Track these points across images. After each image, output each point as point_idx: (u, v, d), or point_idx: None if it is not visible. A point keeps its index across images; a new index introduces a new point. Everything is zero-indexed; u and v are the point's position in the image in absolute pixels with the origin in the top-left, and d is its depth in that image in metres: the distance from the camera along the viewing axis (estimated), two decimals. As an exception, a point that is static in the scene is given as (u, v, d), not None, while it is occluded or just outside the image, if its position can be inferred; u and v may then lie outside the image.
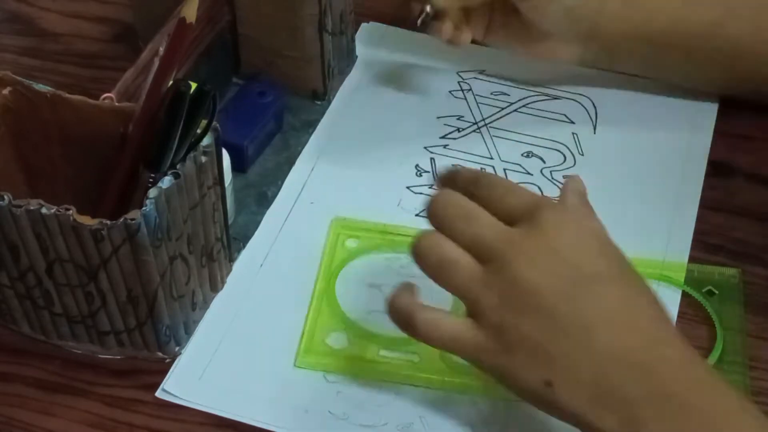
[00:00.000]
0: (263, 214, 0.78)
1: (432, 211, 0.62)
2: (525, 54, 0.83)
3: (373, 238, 0.75)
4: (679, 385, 0.57)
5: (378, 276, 0.73)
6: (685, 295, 0.71)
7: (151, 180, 0.63)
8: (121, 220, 0.61)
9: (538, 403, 0.60)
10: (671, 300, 0.70)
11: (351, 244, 0.75)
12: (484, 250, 0.60)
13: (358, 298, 0.72)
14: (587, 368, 0.57)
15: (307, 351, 0.69)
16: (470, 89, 0.87)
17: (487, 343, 0.59)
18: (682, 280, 0.72)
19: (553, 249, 0.60)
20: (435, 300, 0.62)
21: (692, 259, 0.74)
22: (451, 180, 0.65)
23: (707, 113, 0.84)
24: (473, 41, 0.82)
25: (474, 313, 0.60)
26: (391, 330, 0.65)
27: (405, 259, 0.70)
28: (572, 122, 0.84)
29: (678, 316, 0.70)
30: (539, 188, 0.79)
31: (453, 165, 0.70)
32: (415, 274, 0.62)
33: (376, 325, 0.70)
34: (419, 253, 0.62)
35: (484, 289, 0.59)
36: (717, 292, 0.70)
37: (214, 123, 0.64)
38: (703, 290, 0.71)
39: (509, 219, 0.61)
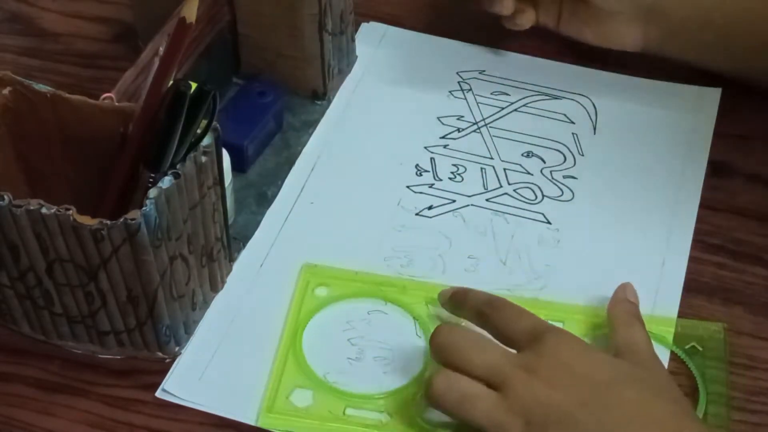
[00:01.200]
0: (263, 214, 0.78)
1: (440, 345, 0.65)
2: (593, 40, 0.85)
3: (343, 286, 0.72)
4: None
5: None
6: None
7: (151, 180, 0.63)
8: (121, 220, 0.61)
9: None
10: (659, 354, 0.67)
11: (321, 292, 0.72)
12: (498, 377, 0.62)
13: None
14: None
15: (269, 409, 0.66)
16: (470, 89, 0.87)
17: None
18: (671, 338, 0.69)
19: (564, 364, 0.62)
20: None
21: (692, 259, 0.74)
22: (460, 300, 0.68)
23: (707, 113, 0.84)
24: (477, 41, 0.82)
25: None
26: (359, 387, 0.66)
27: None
28: (572, 122, 0.84)
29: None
30: (539, 188, 0.79)
31: (454, 289, 0.70)
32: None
33: (344, 381, 0.68)
34: (436, 394, 0.63)
35: (505, 416, 0.61)
36: (701, 348, 0.69)
37: (214, 123, 0.64)
38: (687, 347, 0.69)
39: (516, 344, 0.64)
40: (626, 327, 0.67)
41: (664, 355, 0.68)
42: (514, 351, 0.64)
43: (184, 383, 0.68)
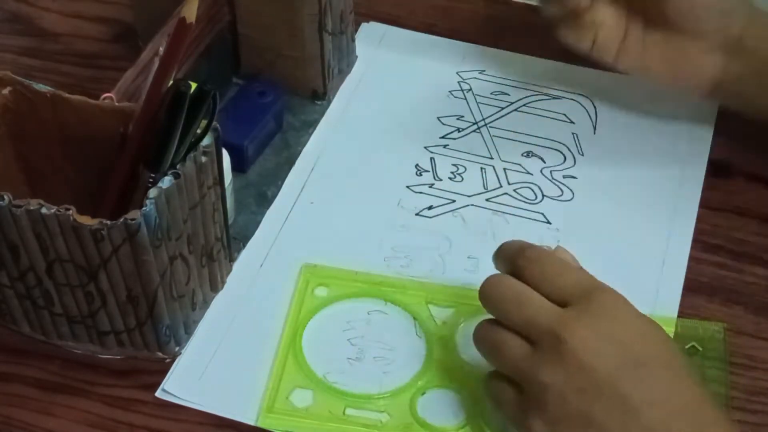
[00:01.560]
0: (263, 214, 0.78)
1: (484, 294, 0.65)
2: (663, 72, 0.76)
3: (343, 286, 0.72)
4: None
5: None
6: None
7: (151, 180, 0.63)
8: (121, 220, 0.61)
9: None
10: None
11: (320, 292, 0.72)
12: (535, 333, 0.61)
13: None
14: None
15: (269, 409, 0.66)
16: (470, 89, 0.87)
17: (534, 417, 0.60)
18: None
19: (606, 331, 0.61)
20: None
21: (691, 259, 0.74)
22: (499, 254, 0.67)
23: (707, 113, 0.84)
24: (477, 41, 0.82)
25: (526, 390, 0.61)
26: (359, 387, 0.66)
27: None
28: (572, 122, 0.84)
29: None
30: (539, 188, 0.79)
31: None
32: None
33: (344, 381, 0.68)
34: (477, 340, 0.65)
35: (532, 368, 0.61)
36: (701, 348, 0.69)
37: (214, 123, 0.64)
38: (687, 347, 0.69)
39: (561, 300, 0.62)
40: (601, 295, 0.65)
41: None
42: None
43: (184, 383, 0.68)
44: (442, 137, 0.83)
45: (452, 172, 0.80)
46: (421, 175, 0.80)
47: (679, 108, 0.84)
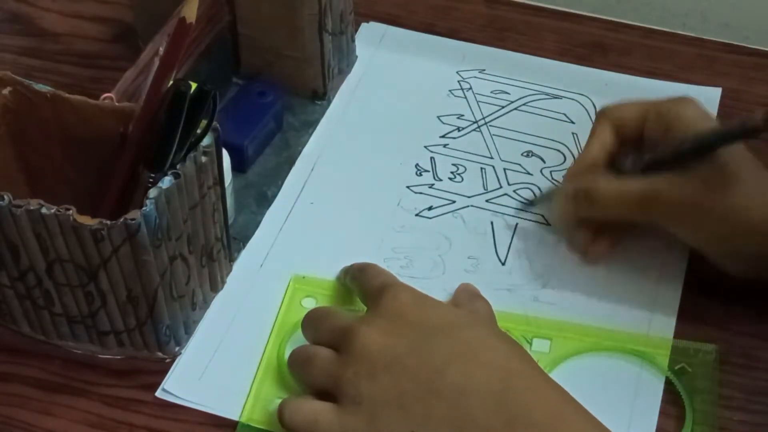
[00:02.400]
0: (263, 214, 0.78)
1: (303, 321, 0.67)
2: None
3: (331, 298, 0.72)
4: (536, 413, 0.58)
5: None
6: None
7: (151, 180, 0.63)
8: (121, 220, 0.61)
9: None
10: (653, 381, 0.67)
11: (308, 303, 0.72)
12: (338, 338, 0.63)
13: None
14: (444, 408, 0.59)
15: (250, 418, 0.66)
16: (470, 88, 0.87)
17: (347, 420, 0.60)
18: (666, 364, 0.68)
19: (398, 313, 0.63)
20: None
21: (690, 257, 0.74)
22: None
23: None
24: (477, 41, 0.82)
25: (336, 396, 0.62)
26: None
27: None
28: (572, 122, 0.84)
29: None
30: (539, 188, 0.79)
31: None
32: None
33: None
34: (289, 364, 0.66)
35: (339, 369, 0.62)
36: (690, 370, 0.67)
37: (214, 123, 0.64)
38: (676, 367, 0.67)
39: (368, 304, 0.66)
40: (469, 302, 0.68)
41: (658, 382, 0.67)
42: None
43: (184, 383, 0.68)
44: (442, 136, 0.83)
45: (452, 172, 0.80)
46: (421, 175, 0.80)
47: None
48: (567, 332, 0.70)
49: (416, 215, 0.77)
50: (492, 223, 0.77)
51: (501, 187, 0.79)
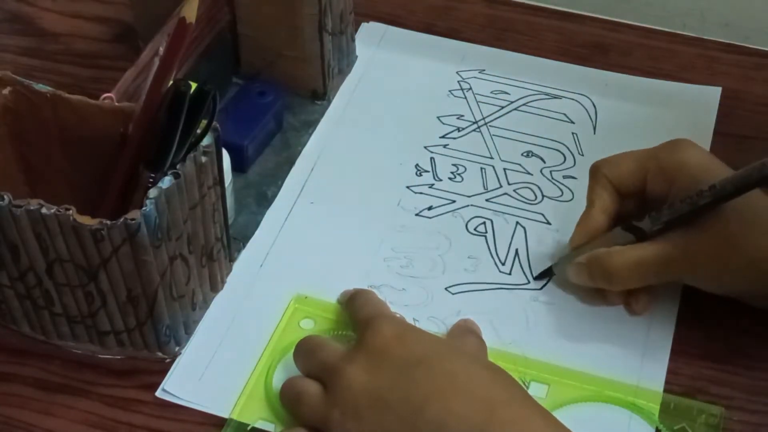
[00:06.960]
0: (263, 214, 0.78)
1: (294, 351, 0.67)
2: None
3: (330, 320, 0.71)
4: None
5: None
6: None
7: (151, 180, 0.63)
8: (121, 220, 0.61)
9: None
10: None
11: (306, 324, 0.71)
12: (325, 375, 0.63)
13: None
14: None
15: (236, 429, 0.65)
16: (470, 88, 0.87)
17: None
18: (656, 415, 0.65)
19: (381, 348, 0.63)
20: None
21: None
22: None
23: (707, 113, 0.84)
24: (477, 41, 0.82)
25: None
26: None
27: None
28: (572, 122, 0.84)
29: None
30: (539, 188, 0.79)
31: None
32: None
33: None
34: (281, 397, 0.66)
35: (326, 408, 0.62)
36: (690, 431, 0.64)
37: (214, 123, 0.64)
38: (676, 428, 0.64)
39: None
40: (460, 336, 0.68)
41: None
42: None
43: (184, 383, 0.68)
44: (442, 137, 0.83)
45: (452, 172, 0.80)
46: (421, 175, 0.80)
47: (679, 108, 0.84)
48: (566, 377, 0.68)
49: (416, 215, 0.77)
50: (492, 222, 0.77)
51: (501, 186, 0.79)
